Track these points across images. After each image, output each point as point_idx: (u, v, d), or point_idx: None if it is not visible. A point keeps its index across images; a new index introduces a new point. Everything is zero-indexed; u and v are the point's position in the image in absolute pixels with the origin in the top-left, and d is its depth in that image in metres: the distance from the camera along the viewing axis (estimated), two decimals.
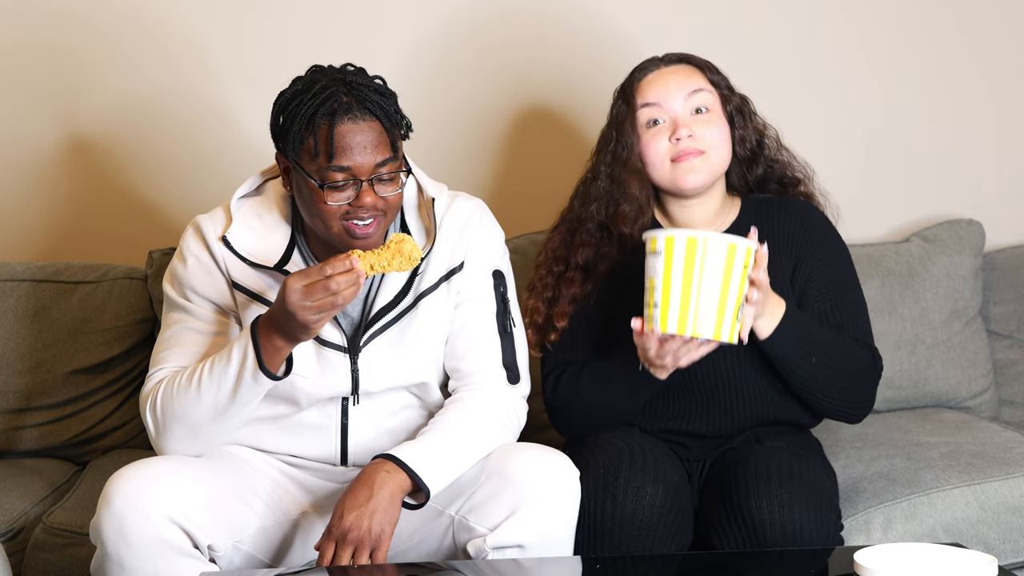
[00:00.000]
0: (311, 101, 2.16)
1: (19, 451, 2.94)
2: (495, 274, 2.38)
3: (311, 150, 2.17)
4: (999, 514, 2.50)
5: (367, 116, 2.17)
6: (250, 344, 2.15)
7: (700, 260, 2.16)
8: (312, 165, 2.17)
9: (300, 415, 2.33)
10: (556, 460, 2.26)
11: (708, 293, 2.16)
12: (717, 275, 2.16)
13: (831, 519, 2.32)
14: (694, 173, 2.44)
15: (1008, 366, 3.12)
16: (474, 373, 2.36)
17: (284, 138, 2.20)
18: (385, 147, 2.18)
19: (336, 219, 2.18)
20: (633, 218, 2.49)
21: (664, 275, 2.17)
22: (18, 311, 2.97)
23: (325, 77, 2.20)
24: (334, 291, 2.07)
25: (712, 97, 2.46)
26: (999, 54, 3.28)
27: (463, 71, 3.20)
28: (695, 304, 2.16)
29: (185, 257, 2.32)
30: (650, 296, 2.19)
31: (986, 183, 3.29)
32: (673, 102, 2.45)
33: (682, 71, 2.48)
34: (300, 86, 2.21)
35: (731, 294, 2.17)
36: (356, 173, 2.16)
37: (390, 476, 2.19)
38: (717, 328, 2.17)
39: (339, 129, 2.15)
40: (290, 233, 2.32)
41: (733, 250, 2.17)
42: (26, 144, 3.19)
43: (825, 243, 2.51)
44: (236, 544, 2.25)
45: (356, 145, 2.16)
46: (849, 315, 2.47)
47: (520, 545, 2.21)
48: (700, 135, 2.43)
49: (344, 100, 2.16)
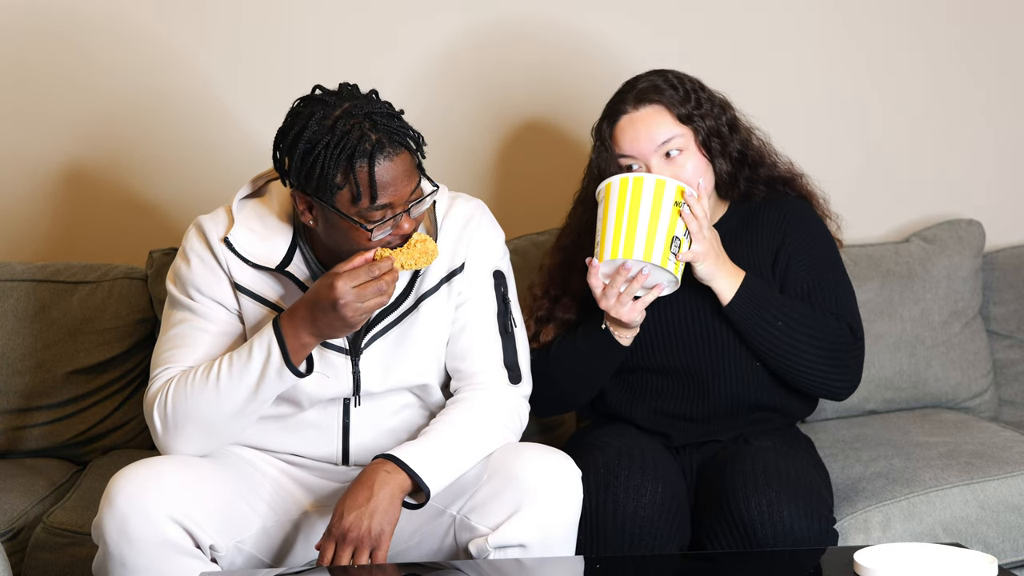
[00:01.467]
0: (340, 144, 2.14)
1: (20, 451, 2.94)
2: (495, 274, 2.38)
3: (352, 195, 2.15)
4: (998, 513, 2.50)
5: (398, 148, 2.16)
6: (274, 340, 2.16)
7: (631, 194, 2.36)
8: (352, 208, 2.17)
9: (302, 415, 2.33)
10: (558, 460, 2.26)
11: (640, 221, 2.34)
12: (647, 206, 2.34)
13: (822, 516, 2.32)
14: None
15: (1008, 366, 3.12)
16: (476, 373, 2.36)
17: (312, 183, 2.17)
18: (415, 173, 2.20)
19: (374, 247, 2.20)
20: None
21: (603, 213, 2.37)
22: (18, 311, 2.97)
23: (339, 111, 2.16)
24: (382, 291, 2.15)
25: (683, 139, 2.46)
26: (999, 54, 3.28)
27: (466, 76, 3.20)
28: (627, 231, 2.34)
29: (188, 257, 2.32)
30: (600, 233, 2.37)
31: (986, 183, 3.29)
32: (645, 153, 2.45)
33: (650, 116, 2.46)
34: (316, 127, 2.16)
35: (661, 222, 2.35)
36: (396, 205, 2.18)
37: (390, 476, 2.19)
38: (648, 251, 2.33)
39: (378, 170, 2.14)
40: (292, 234, 2.32)
41: (662, 185, 2.35)
42: (27, 145, 3.19)
43: (806, 229, 2.54)
44: (238, 544, 2.25)
45: (395, 181, 2.16)
46: (830, 295, 2.49)
47: (522, 545, 2.21)
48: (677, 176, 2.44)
49: (374, 138, 2.14)
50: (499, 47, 3.19)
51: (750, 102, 2.61)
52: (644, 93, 2.48)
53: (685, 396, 2.50)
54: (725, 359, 2.48)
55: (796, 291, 2.48)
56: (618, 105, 2.50)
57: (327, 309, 2.14)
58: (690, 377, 2.49)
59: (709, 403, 2.49)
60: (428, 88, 3.18)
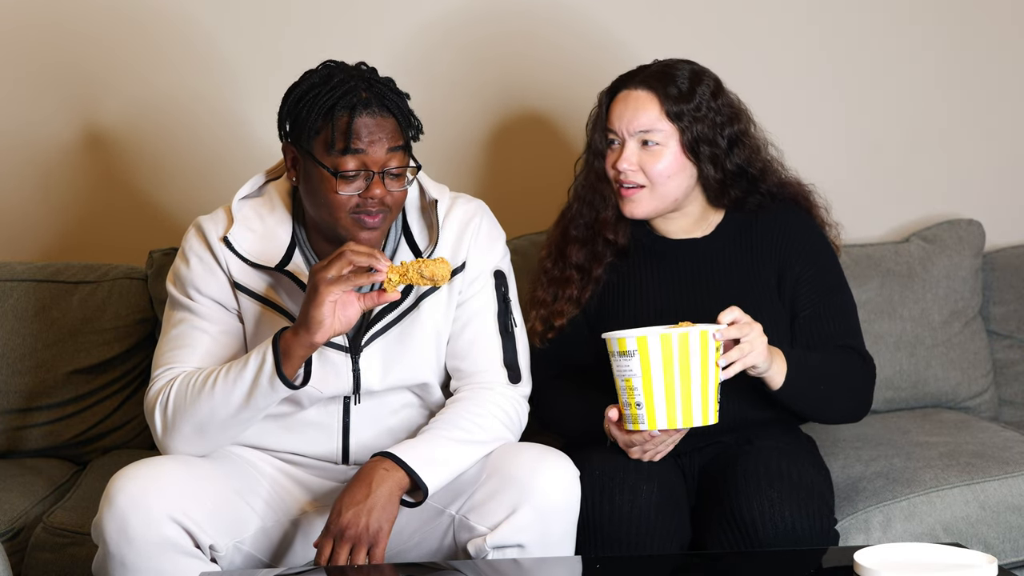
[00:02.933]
0: (331, 93, 2.20)
1: (20, 451, 2.94)
2: (496, 274, 2.38)
3: (327, 140, 2.20)
4: (998, 513, 2.50)
5: (385, 112, 2.21)
6: (269, 351, 2.16)
7: (678, 354, 2.20)
8: (326, 155, 2.20)
9: (302, 414, 2.33)
10: (556, 460, 2.26)
11: (693, 384, 2.21)
12: (696, 365, 2.21)
13: (823, 517, 2.32)
14: (632, 204, 2.50)
15: (1008, 366, 3.12)
16: (476, 373, 2.36)
17: (298, 127, 2.23)
18: (397, 139, 2.22)
19: (344, 211, 2.21)
20: (614, 223, 2.53)
21: (644, 374, 2.21)
22: (18, 311, 2.97)
23: (342, 72, 2.23)
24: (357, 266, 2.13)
25: (664, 133, 2.46)
26: (999, 54, 3.28)
27: (463, 75, 3.20)
28: (682, 397, 2.21)
29: (188, 257, 2.33)
30: (629, 396, 2.24)
31: (986, 183, 3.29)
32: (625, 133, 2.47)
33: (641, 101, 2.47)
34: (316, 79, 2.23)
35: (710, 379, 2.23)
36: (369, 164, 2.19)
37: (388, 474, 2.19)
38: (705, 414, 2.23)
39: (358, 121, 2.19)
40: (291, 233, 2.32)
41: (705, 337, 2.22)
42: (27, 145, 3.19)
43: (811, 248, 2.53)
44: (237, 544, 2.25)
45: (372, 137, 2.20)
46: (839, 320, 2.50)
47: (520, 545, 2.21)
48: (643, 167, 2.46)
49: (364, 95, 2.20)
50: (497, 41, 3.19)
51: (750, 102, 2.60)
52: (649, 77, 2.49)
53: None
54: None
55: (805, 314, 2.48)
56: (625, 79, 2.52)
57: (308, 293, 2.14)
58: None
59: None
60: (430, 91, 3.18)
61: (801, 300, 2.49)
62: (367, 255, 2.14)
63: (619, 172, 2.48)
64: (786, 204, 2.57)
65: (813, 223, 2.57)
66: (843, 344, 2.48)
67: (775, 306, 2.48)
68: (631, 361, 2.22)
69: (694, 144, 2.46)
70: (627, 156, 2.47)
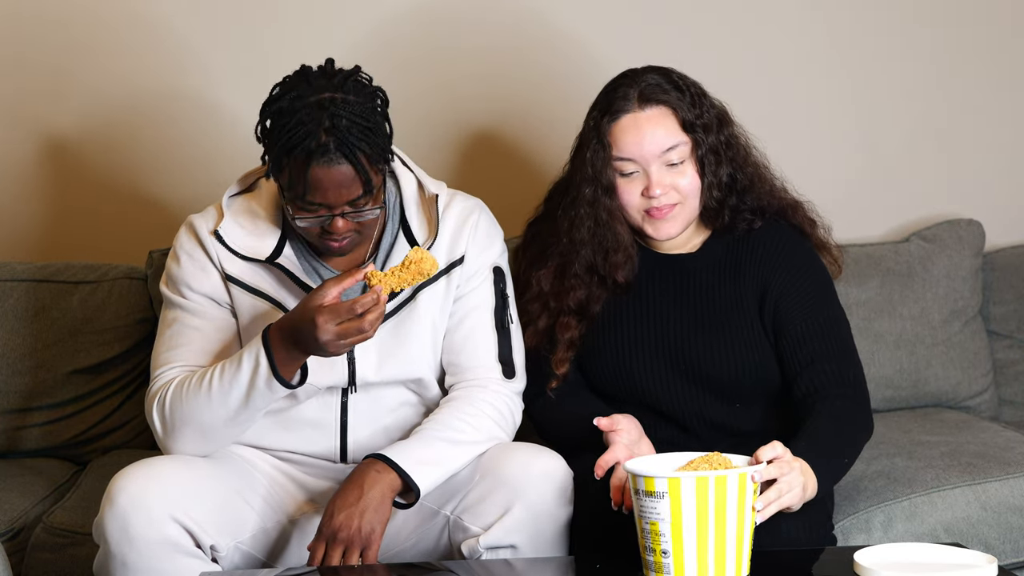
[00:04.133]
0: (289, 134, 2.14)
1: (20, 451, 2.94)
2: (495, 270, 2.38)
3: (286, 179, 2.17)
4: (999, 514, 2.50)
5: (341, 161, 2.14)
6: (262, 353, 2.16)
7: (714, 500, 1.95)
8: (287, 192, 2.19)
9: (299, 409, 2.33)
10: (549, 460, 2.26)
11: (728, 534, 1.96)
12: (732, 513, 1.96)
13: (821, 523, 2.30)
14: (668, 223, 2.39)
15: (1008, 366, 3.12)
16: (470, 368, 2.36)
17: (268, 153, 2.21)
18: (357, 187, 2.17)
19: (311, 235, 2.22)
20: (624, 264, 2.43)
21: (674, 520, 1.95)
22: (18, 311, 2.97)
23: (313, 98, 2.15)
24: (366, 329, 2.10)
25: (686, 147, 2.36)
26: (999, 54, 3.28)
27: (460, 73, 3.20)
28: (715, 548, 1.96)
29: (178, 255, 2.33)
30: (655, 541, 1.97)
31: (986, 183, 3.29)
32: (647, 158, 2.35)
33: (656, 119, 2.36)
34: (284, 103, 2.16)
35: (746, 527, 1.99)
36: (329, 207, 2.17)
37: (380, 476, 2.19)
38: (739, 567, 1.99)
39: (313, 172, 2.14)
40: (282, 226, 2.33)
41: (744, 480, 1.97)
42: (27, 144, 3.19)
43: (795, 263, 2.43)
44: (237, 544, 2.26)
45: (328, 187, 2.15)
46: (827, 337, 2.38)
47: (513, 545, 2.21)
48: (674, 187, 2.37)
49: (323, 139, 2.13)
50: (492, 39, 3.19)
51: (748, 103, 2.60)
52: (650, 92, 2.37)
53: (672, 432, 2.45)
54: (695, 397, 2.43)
55: (791, 335, 2.38)
56: (620, 102, 2.37)
57: (309, 340, 2.12)
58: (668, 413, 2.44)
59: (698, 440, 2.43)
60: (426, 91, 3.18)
61: (786, 316, 2.40)
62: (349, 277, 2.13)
63: (650, 199, 2.36)
64: (774, 222, 2.47)
65: (799, 239, 2.47)
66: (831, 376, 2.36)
67: (756, 337, 2.41)
68: (659, 504, 1.95)
69: (705, 156, 2.37)
70: (658, 181, 2.35)
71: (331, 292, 2.12)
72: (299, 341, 2.14)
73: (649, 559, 1.99)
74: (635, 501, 2.00)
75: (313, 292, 2.14)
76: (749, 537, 1.99)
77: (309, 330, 2.11)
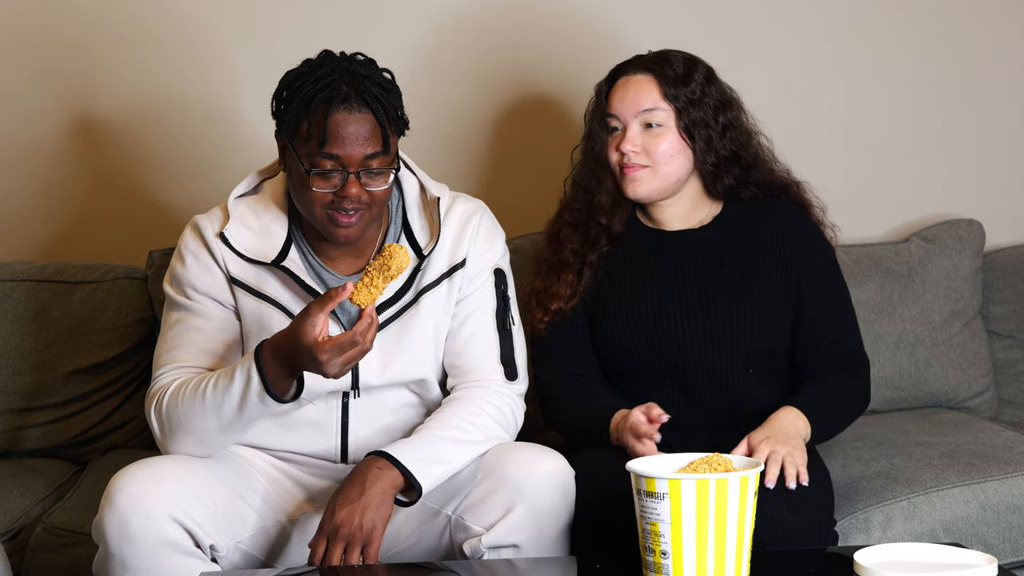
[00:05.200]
0: (311, 85, 2.19)
1: (20, 451, 2.94)
2: (496, 272, 2.39)
3: (304, 133, 2.19)
4: (999, 513, 2.50)
5: (363, 108, 2.19)
6: (254, 370, 2.15)
7: (715, 503, 1.96)
8: (303, 148, 2.20)
9: (300, 411, 2.33)
10: (551, 460, 2.26)
11: (728, 536, 1.98)
12: (733, 515, 1.98)
13: (822, 519, 2.32)
14: (635, 184, 2.54)
15: (1008, 366, 3.12)
16: (472, 369, 2.36)
17: (281, 116, 2.23)
18: (376, 141, 2.20)
19: (320, 206, 2.21)
20: (609, 208, 2.58)
21: (673, 522, 1.96)
22: (18, 311, 2.97)
23: (330, 63, 2.22)
24: (367, 348, 2.11)
25: (665, 114, 2.52)
26: (999, 55, 3.28)
27: (465, 73, 3.20)
28: (715, 550, 1.97)
29: (183, 256, 2.33)
30: (654, 542, 1.98)
31: (986, 183, 3.29)
32: (627, 116, 2.53)
33: (640, 84, 2.54)
34: (305, 68, 2.23)
35: (746, 530, 2.00)
36: (345, 163, 2.18)
37: (382, 473, 2.19)
38: (738, 569, 2.00)
39: (333, 117, 2.17)
40: (287, 229, 2.32)
41: (744, 483, 1.98)
42: (27, 144, 3.19)
43: (813, 248, 2.56)
44: (237, 544, 2.26)
45: (348, 135, 2.18)
46: (838, 322, 2.54)
47: (515, 545, 2.21)
48: (646, 149, 2.52)
49: (343, 89, 2.18)
50: (497, 39, 3.19)
51: (748, 103, 2.62)
52: (646, 62, 2.56)
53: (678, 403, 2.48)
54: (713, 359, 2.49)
55: (807, 315, 2.51)
56: (622, 66, 2.59)
57: (311, 368, 2.11)
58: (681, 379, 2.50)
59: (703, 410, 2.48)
60: (430, 90, 3.18)
61: (803, 300, 2.52)
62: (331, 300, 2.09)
63: (623, 155, 2.52)
64: (781, 200, 2.60)
65: (811, 221, 2.60)
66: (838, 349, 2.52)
67: (776, 300, 2.51)
68: (660, 505, 1.96)
69: (689, 127, 2.52)
70: (631, 138, 2.52)
71: (319, 320, 2.09)
72: (297, 366, 2.14)
73: (649, 559, 2.00)
74: (636, 501, 2.01)
75: (302, 323, 2.09)
76: (749, 540, 2.00)
77: (310, 365, 2.10)
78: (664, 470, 2.02)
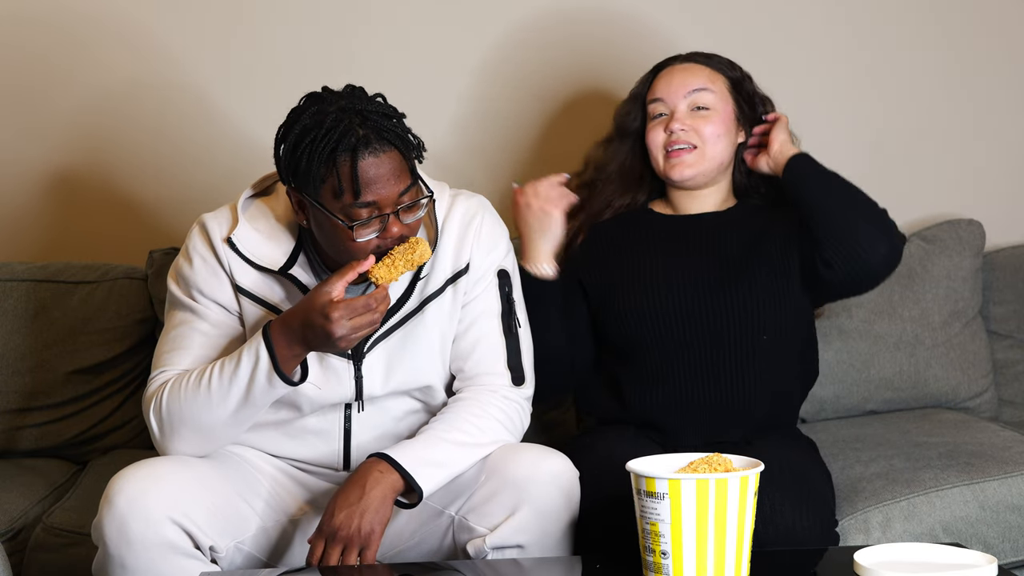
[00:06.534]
0: (326, 137, 2.12)
1: (19, 451, 2.94)
2: (500, 274, 2.38)
3: (334, 188, 2.14)
4: (998, 513, 2.50)
5: (386, 147, 2.14)
6: (263, 348, 2.15)
7: (715, 503, 1.97)
8: (336, 204, 2.15)
9: (302, 420, 2.33)
10: (556, 461, 2.26)
11: (728, 537, 1.98)
12: (733, 516, 1.98)
13: (824, 517, 2.32)
14: (682, 165, 2.55)
15: (1008, 366, 3.12)
16: (479, 375, 2.36)
17: (300, 177, 2.17)
18: (405, 175, 2.17)
19: (364, 254, 2.17)
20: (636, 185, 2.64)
21: (673, 522, 1.97)
22: (18, 311, 2.97)
23: (333, 107, 2.15)
24: (374, 321, 2.13)
25: (714, 97, 2.56)
26: (999, 54, 3.27)
27: (471, 71, 3.19)
28: (715, 551, 1.98)
29: (191, 257, 2.31)
30: (654, 542, 1.99)
31: (986, 183, 3.29)
32: (675, 98, 2.56)
33: (690, 69, 2.59)
34: (308, 120, 2.15)
35: (746, 530, 2.00)
36: (381, 206, 2.15)
37: (383, 476, 2.19)
38: (738, 570, 2.00)
39: (362, 165, 2.12)
40: (296, 236, 2.31)
41: (744, 483, 1.99)
42: (26, 145, 3.19)
43: None
44: (237, 545, 2.25)
45: (379, 178, 2.14)
46: None
47: (519, 545, 2.21)
48: (695, 129, 2.54)
49: (360, 132, 2.12)
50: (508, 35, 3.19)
51: None
52: (696, 55, 2.62)
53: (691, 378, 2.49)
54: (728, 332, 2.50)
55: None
56: (666, 60, 2.64)
57: (320, 334, 2.12)
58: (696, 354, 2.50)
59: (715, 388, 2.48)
60: (432, 87, 3.17)
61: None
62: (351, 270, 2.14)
63: (671, 134, 2.54)
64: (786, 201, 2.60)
65: None
66: None
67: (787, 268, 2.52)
68: (660, 505, 1.97)
69: (738, 107, 2.57)
70: (679, 118, 2.55)
71: (337, 286, 2.12)
72: (306, 336, 2.14)
73: (649, 559, 2.00)
74: (636, 501, 2.02)
75: (319, 287, 2.13)
76: (749, 540, 2.00)
77: (321, 324, 2.11)
78: (664, 470, 2.02)
